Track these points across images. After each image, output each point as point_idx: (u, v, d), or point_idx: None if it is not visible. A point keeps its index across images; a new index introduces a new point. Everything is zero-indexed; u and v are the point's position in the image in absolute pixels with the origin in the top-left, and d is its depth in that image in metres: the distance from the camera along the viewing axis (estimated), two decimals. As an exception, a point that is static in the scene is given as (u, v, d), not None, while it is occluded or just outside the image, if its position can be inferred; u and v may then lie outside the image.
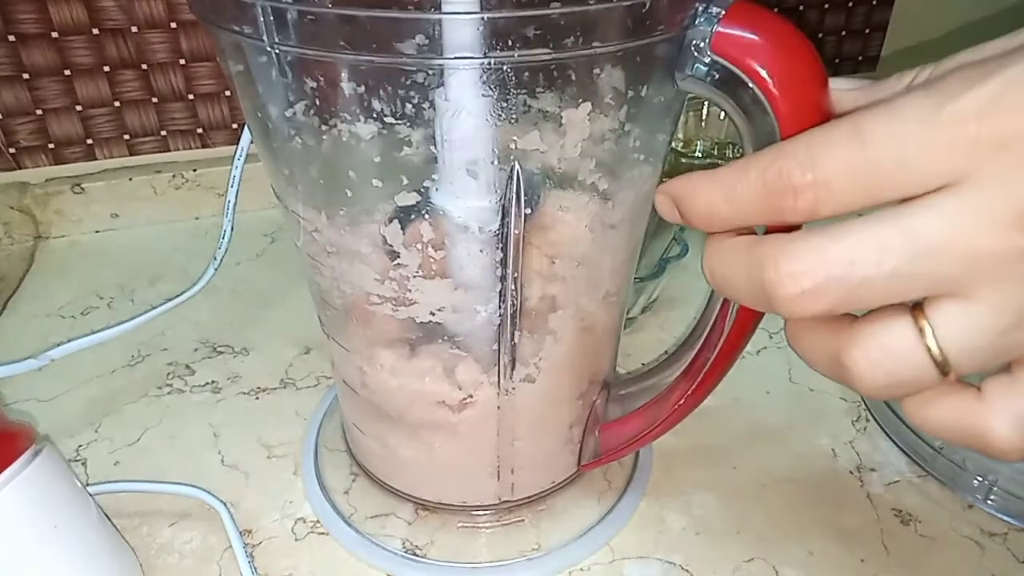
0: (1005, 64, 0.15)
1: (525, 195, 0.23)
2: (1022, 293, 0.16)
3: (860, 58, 0.82)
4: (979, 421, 0.17)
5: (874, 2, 0.78)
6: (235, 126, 0.62)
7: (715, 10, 0.22)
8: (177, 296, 0.42)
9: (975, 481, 0.36)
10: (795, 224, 0.18)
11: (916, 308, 0.17)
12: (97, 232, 0.60)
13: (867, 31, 0.80)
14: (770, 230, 0.19)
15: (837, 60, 0.80)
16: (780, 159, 0.17)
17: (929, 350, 0.17)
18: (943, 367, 0.17)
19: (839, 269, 0.16)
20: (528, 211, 0.24)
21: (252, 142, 0.31)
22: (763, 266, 0.17)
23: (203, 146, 0.62)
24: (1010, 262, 0.15)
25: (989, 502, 0.35)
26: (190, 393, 0.43)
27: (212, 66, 0.59)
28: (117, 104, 0.58)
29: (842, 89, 0.21)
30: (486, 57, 0.20)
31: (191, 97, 0.59)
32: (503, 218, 0.24)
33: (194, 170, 0.60)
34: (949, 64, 0.19)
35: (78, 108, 0.57)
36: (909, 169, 0.16)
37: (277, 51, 0.21)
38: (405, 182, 0.23)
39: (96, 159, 0.59)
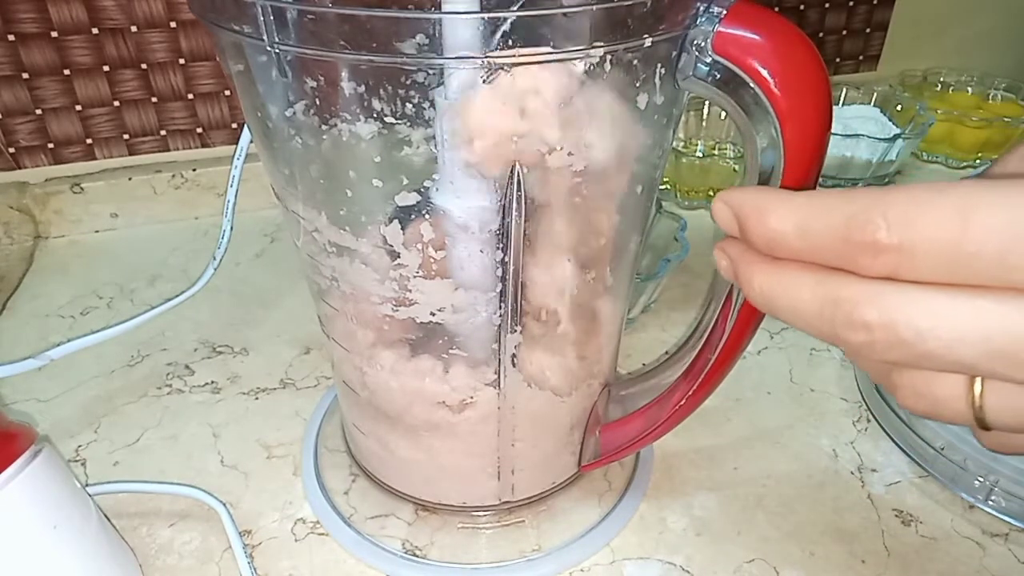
0: None
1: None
2: None
3: (860, 58, 0.82)
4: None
5: (875, 2, 0.78)
6: (235, 126, 0.62)
7: (716, 10, 0.21)
8: (177, 296, 0.42)
9: (976, 481, 0.36)
10: None
11: None
12: (96, 232, 0.60)
13: (868, 31, 0.80)
14: None
15: (837, 60, 0.81)
16: (872, 211, 0.16)
17: (973, 405, 0.16)
18: (982, 422, 0.17)
19: (910, 335, 0.16)
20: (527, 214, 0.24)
21: (252, 142, 0.31)
22: (841, 306, 0.17)
23: (203, 146, 0.62)
24: None
25: (990, 503, 0.35)
26: (189, 393, 0.43)
27: (212, 66, 0.59)
28: (117, 104, 0.57)
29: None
30: (486, 57, 0.20)
31: (191, 97, 0.59)
32: (503, 218, 0.24)
33: (193, 170, 0.60)
34: None
35: (78, 108, 0.57)
36: (1004, 266, 0.15)
37: (277, 51, 0.21)
38: (405, 182, 0.23)
39: (96, 159, 0.59)
